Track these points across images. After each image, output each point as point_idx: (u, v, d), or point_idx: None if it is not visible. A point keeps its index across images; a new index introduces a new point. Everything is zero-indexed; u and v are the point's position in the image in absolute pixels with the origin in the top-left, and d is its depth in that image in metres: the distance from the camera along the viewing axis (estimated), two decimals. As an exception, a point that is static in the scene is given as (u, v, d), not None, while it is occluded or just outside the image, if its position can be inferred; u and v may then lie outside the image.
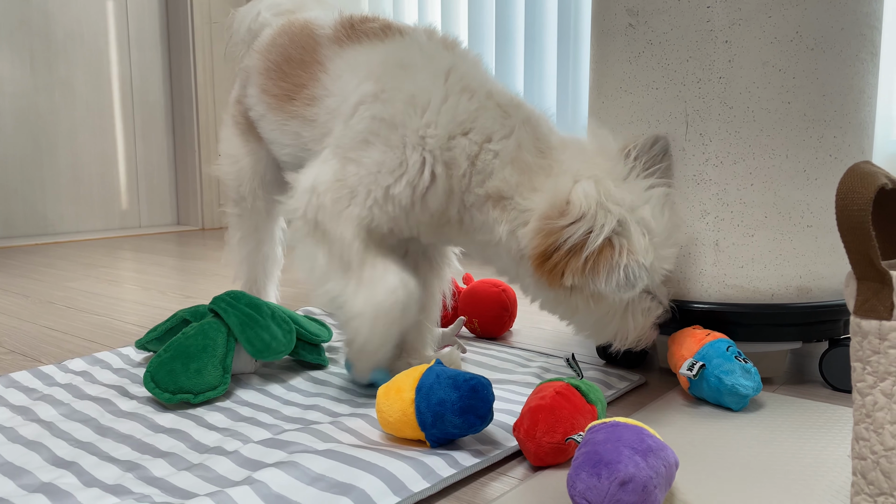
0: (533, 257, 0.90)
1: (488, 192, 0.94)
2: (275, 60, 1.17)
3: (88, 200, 3.12)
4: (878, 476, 0.59)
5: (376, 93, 0.96)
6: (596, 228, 0.86)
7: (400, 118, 0.94)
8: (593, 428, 0.70)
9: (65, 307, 1.67)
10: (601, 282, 0.86)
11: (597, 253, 0.86)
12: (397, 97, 0.95)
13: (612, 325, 0.97)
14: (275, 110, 1.16)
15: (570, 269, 0.87)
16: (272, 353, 1.06)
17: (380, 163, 0.94)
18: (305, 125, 1.09)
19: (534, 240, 0.90)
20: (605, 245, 0.86)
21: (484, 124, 0.94)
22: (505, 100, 0.96)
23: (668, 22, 1.03)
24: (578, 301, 0.92)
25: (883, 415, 0.59)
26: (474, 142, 0.93)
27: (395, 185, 0.94)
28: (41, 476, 0.77)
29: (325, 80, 1.07)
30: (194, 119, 3.28)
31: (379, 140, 0.94)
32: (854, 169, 0.60)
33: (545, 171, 0.93)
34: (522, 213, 0.92)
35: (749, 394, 0.93)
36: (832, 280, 1.05)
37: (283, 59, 1.15)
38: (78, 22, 3.03)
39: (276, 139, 1.19)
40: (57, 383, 1.07)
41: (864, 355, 0.60)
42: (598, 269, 0.85)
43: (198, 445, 0.85)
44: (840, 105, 1.02)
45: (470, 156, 0.94)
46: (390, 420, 0.83)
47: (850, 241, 0.59)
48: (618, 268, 0.85)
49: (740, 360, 0.94)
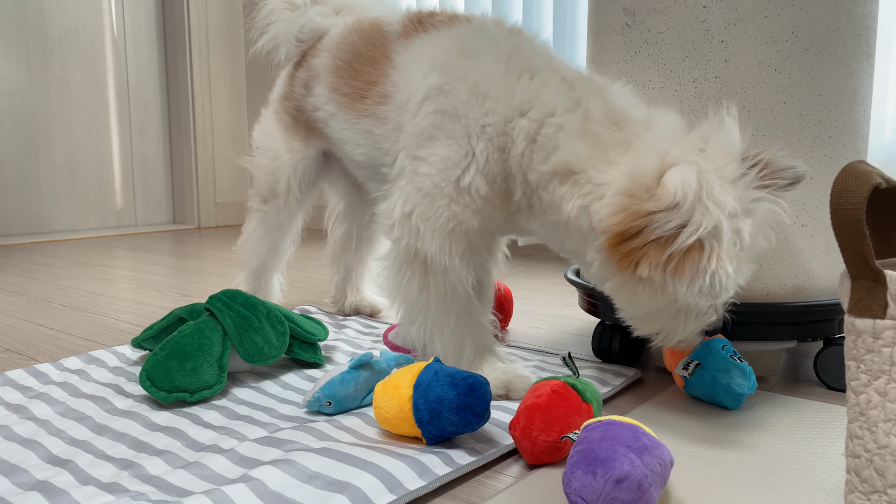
0: (609, 235, 0.82)
1: (554, 169, 0.89)
2: (345, 59, 1.17)
3: (84, 199, 3.11)
4: (871, 474, 0.59)
5: (440, 85, 0.96)
6: (691, 224, 0.77)
7: (462, 109, 0.93)
8: (589, 426, 0.70)
9: (60, 305, 1.67)
10: (682, 284, 0.78)
11: (684, 252, 0.77)
12: (460, 87, 0.94)
13: (661, 321, 0.90)
14: (346, 109, 1.16)
15: (649, 260, 0.79)
16: (264, 359, 1.06)
17: (445, 157, 0.94)
18: (377, 123, 1.10)
19: (613, 216, 0.82)
20: (695, 245, 0.77)
21: (545, 100, 0.90)
22: (572, 75, 0.93)
23: (665, 21, 1.03)
24: (643, 291, 0.85)
25: (877, 413, 0.59)
26: (533, 119, 0.90)
27: (465, 175, 0.93)
28: (37, 474, 0.77)
29: (393, 76, 1.07)
30: (190, 117, 3.27)
31: (443, 133, 0.94)
32: (848, 168, 0.60)
33: (621, 145, 0.87)
34: (597, 186, 0.86)
35: (744, 392, 0.94)
36: (827, 279, 1.06)
37: (354, 57, 1.15)
38: (74, 20, 3.03)
39: (350, 138, 1.18)
40: (53, 381, 1.07)
41: (859, 354, 0.60)
42: (683, 269, 0.77)
43: (194, 443, 0.85)
44: (835, 105, 1.03)
45: (529, 134, 0.90)
46: (387, 416, 0.83)
47: (845, 241, 0.59)
48: (704, 273, 0.77)
49: (735, 360, 0.95)
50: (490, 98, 0.92)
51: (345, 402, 0.94)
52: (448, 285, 0.96)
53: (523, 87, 0.92)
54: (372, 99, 1.10)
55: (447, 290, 0.97)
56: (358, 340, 1.31)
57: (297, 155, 1.36)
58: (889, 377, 0.58)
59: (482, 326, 1.01)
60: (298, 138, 1.35)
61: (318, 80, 1.25)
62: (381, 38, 1.12)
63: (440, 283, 0.96)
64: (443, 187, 0.93)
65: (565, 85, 0.92)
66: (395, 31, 1.11)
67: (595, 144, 0.87)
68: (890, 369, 0.58)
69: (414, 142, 0.97)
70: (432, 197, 0.94)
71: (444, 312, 0.98)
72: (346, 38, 1.20)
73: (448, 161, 0.93)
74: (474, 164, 0.92)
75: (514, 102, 0.91)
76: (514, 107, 0.91)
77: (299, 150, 1.36)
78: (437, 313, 0.98)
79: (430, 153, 0.95)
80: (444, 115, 0.94)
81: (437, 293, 0.97)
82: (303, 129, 1.34)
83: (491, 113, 0.92)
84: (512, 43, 0.97)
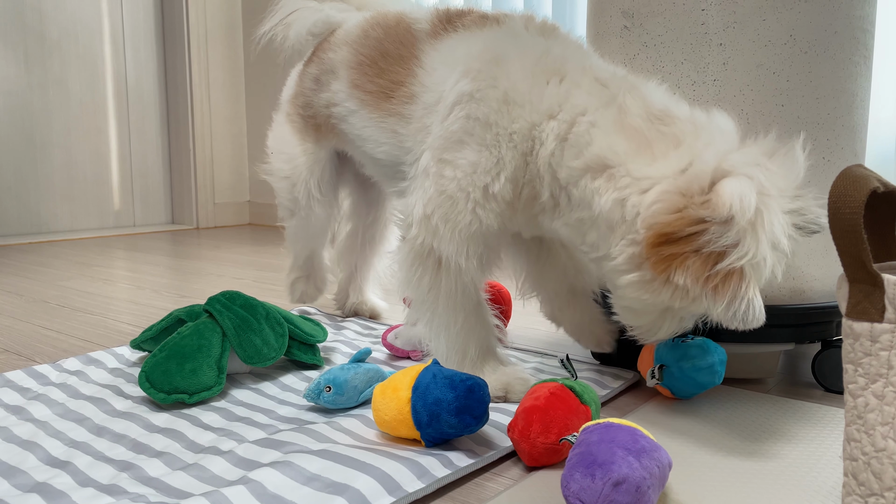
0: (653, 234, 0.79)
1: (587, 164, 0.87)
2: (369, 55, 1.15)
3: (82, 199, 3.11)
4: (869, 477, 0.59)
5: (472, 92, 0.95)
6: (741, 248, 0.75)
7: (494, 117, 0.93)
8: (587, 429, 0.70)
9: (59, 306, 1.67)
10: (719, 304, 0.76)
11: (726, 272, 0.76)
12: (491, 95, 0.94)
13: (649, 318, 0.88)
14: (370, 107, 1.14)
15: (688, 271, 0.77)
16: (263, 360, 1.07)
17: (475, 163, 0.94)
18: (402, 122, 1.09)
19: (663, 214, 0.79)
20: (738, 269, 0.76)
21: (576, 101, 0.90)
22: (605, 74, 0.92)
23: (663, 24, 1.03)
24: (664, 294, 0.81)
25: (874, 416, 0.59)
26: (564, 121, 0.90)
27: (494, 182, 0.93)
28: (36, 476, 0.77)
29: (421, 76, 1.06)
30: (189, 118, 3.27)
31: (473, 140, 0.94)
32: (846, 172, 0.60)
33: (669, 140, 0.84)
34: (638, 180, 0.83)
35: (712, 363, 0.94)
36: (825, 282, 1.06)
37: (380, 55, 1.13)
38: (72, 20, 3.02)
39: (372, 136, 1.16)
40: (51, 383, 1.07)
41: (856, 357, 0.60)
42: (724, 290, 0.75)
43: (193, 445, 0.85)
44: (833, 108, 1.03)
45: (560, 134, 0.90)
46: (386, 419, 0.83)
47: (843, 244, 0.59)
48: (742, 299, 0.75)
49: (688, 340, 0.96)
50: (517, 105, 0.92)
51: (344, 388, 0.94)
52: (460, 285, 0.97)
53: (552, 90, 0.91)
54: (399, 98, 1.09)
55: (458, 289, 0.97)
56: (357, 342, 1.31)
57: (311, 157, 1.35)
58: (887, 381, 0.58)
59: (488, 328, 1.02)
60: (310, 139, 1.35)
61: (335, 76, 1.23)
62: (410, 36, 1.10)
63: (452, 283, 0.97)
64: (469, 192, 0.94)
65: (597, 84, 0.91)
66: (423, 30, 1.10)
67: (635, 138, 0.85)
68: (887, 373, 0.58)
69: (441, 144, 0.97)
70: (455, 200, 0.94)
71: (452, 312, 0.98)
72: (369, 33, 1.18)
73: (477, 167, 0.93)
74: (504, 172, 0.93)
75: (542, 107, 0.91)
76: (542, 112, 0.91)
77: (312, 151, 1.35)
78: (444, 312, 0.98)
79: (459, 157, 0.95)
80: (475, 121, 0.94)
81: (448, 292, 0.97)
82: (313, 128, 1.33)
83: (517, 120, 0.92)
84: (542, 46, 0.96)
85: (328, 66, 1.25)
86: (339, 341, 1.30)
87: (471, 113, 0.94)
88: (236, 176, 3.48)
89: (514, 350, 1.26)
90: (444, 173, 0.96)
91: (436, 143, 0.98)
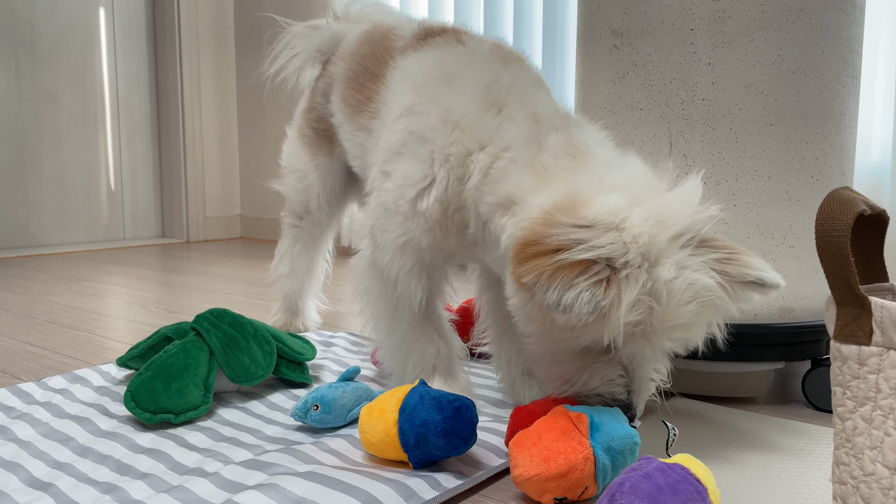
0: (515, 244, 0.76)
1: (499, 200, 0.86)
2: (355, 70, 1.18)
3: (72, 212, 3.10)
4: (857, 501, 0.59)
5: (412, 106, 0.95)
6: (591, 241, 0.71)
7: (430, 133, 0.92)
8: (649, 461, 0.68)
9: (45, 322, 1.65)
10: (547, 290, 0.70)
11: (569, 263, 0.71)
12: (432, 111, 0.93)
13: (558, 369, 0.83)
14: (350, 120, 1.18)
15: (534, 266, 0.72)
16: (250, 379, 1.06)
17: (407, 175, 0.93)
18: (368, 137, 1.12)
19: (526, 228, 0.77)
20: (584, 262, 0.71)
21: (505, 136, 0.88)
22: (544, 111, 0.90)
23: (653, 44, 1.04)
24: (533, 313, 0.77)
25: (863, 440, 0.59)
26: (490, 154, 0.88)
27: (421, 198, 0.92)
28: (18, 498, 0.76)
29: (383, 92, 1.07)
30: (180, 131, 3.26)
31: (408, 152, 0.94)
32: (833, 195, 0.60)
33: (568, 173, 0.82)
34: (530, 209, 0.80)
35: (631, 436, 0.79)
36: (814, 300, 1.06)
37: (362, 70, 1.16)
38: (63, 33, 3.02)
39: (349, 149, 1.23)
40: (36, 401, 1.06)
41: (844, 380, 0.60)
42: (556, 277, 0.70)
43: (178, 466, 0.84)
44: (821, 127, 1.03)
45: (483, 168, 0.88)
46: (373, 441, 0.83)
47: (830, 267, 0.59)
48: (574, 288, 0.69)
49: None
50: (459, 129, 0.91)
51: (332, 407, 0.94)
52: (396, 297, 0.98)
53: (488, 121, 0.90)
54: (367, 113, 1.12)
55: (396, 301, 0.99)
56: (346, 359, 1.30)
57: (324, 171, 1.40)
58: (874, 404, 0.58)
59: (434, 343, 1.00)
60: (323, 153, 1.39)
61: (333, 88, 1.27)
62: (386, 52, 1.12)
63: (391, 294, 0.98)
64: (399, 204, 0.94)
65: (530, 120, 0.89)
66: (398, 47, 1.11)
67: (541, 174, 0.83)
68: (875, 396, 0.58)
69: (384, 156, 0.98)
70: (390, 212, 0.95)
71: (393, 323, 1.00)
72: (359, 49, 1.21)
73: (408, 178, 0.93)
74: (434, 190, 0.92)
75: (477, 136, 0.90)
76: (477, 140, 0.90)
77: (325, 164, 1.40)
78: (387, 322, 1.01)
79: (395, 169, 0.95)
80: (411, 134, 0.94)
81: (388, 303, 0.99)
82: (325, 140, 1.37)
83: (456, 144, 0.90)
84: (495, 73, 0.94)
85: (329, 78, 1.30)
86: (328, 359, 1.29)
87: (409, 126, 0.95)
88: (227, 189, 3.47)
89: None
90: (384, 186, 0.96)
91: (380, 154, 1.00)
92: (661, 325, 0.74)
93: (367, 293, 1.02)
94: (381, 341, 1.04)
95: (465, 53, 0.99)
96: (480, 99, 0.91)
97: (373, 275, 1.00)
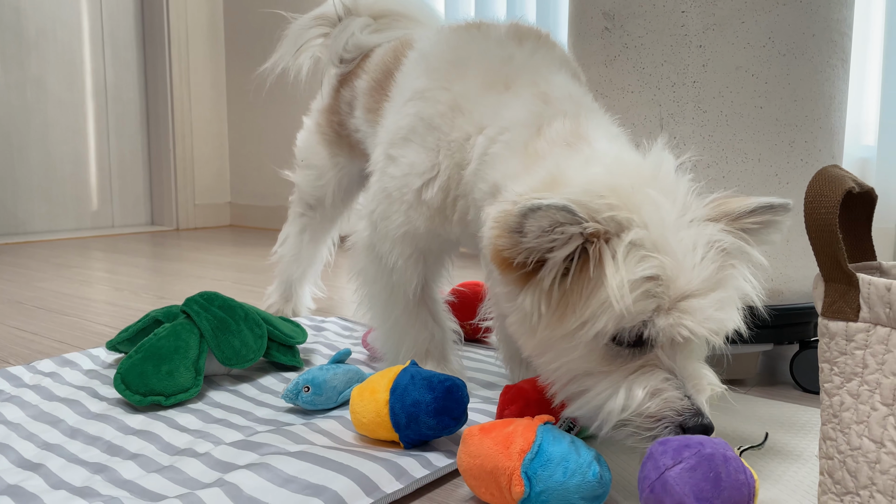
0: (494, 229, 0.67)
1: (490, 188, 0.82)
2: (377, 78, 1.16)
3: (60, 199, 3.08)
4: (844, 475, 0.60)
5: (423, 90, 0.92)
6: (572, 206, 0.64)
7: (438, 121, 0.89)
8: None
9: (34, 307, 1.64)
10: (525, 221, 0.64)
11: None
12: (441, 97, 0.89)
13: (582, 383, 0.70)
14: (371, 125, 1.16)
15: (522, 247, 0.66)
16: (241, 362, 1.06)
17: (413, 164, 0.91)
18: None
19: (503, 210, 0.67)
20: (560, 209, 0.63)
21: (505, 115, 0.82)
22: (558, 93, 0.84)
23: (644, 26, 1.04)
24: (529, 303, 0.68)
25: (849, 415, 0.59)
26: (488, 137, 0.83)
27: (427, 188, 0.90)
28: (7, 478, 0.76)
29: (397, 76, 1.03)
30: (169, 118, 3.24)
31: (417, 139, 0.91)
32: (822, 173, 0.61)
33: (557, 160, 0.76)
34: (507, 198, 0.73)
35: None
36: (803, 283, 1.07)
37: (383, 75, 1.13)
38: (50, 19, 2.99)
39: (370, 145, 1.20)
40: (25, 384, 1.06)
41: (832, 356, 0.61)
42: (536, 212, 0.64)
43: (168, 447, 0.84)
44: (811, 110, 1.04)
45: (479, 154, 0.84)
46: (364, 421, 0.83)
47: (818, 244, 0.60)
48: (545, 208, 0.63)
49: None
50: (461, 113, 0.87)
51: (323, 389, 0.94)
52: (392, 282, 0.98)
53: (491, 101, 0.85)
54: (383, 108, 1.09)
55: (391, 286, 0.99)
56: (337, 343, 1.30)
57: (341, 170, 1.40)
58: (861, 379, 0.59)
59: (428, 329, 1.01)
60: (343, 154, 1.38)
61: (357, 102, 1.24)
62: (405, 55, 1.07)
63: (387, 279, 0.99)
64: (404, 192, 0.92)
65: (538, 100, 0.83)
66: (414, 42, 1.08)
67: (531, 160, 0.78)
68: (862, 372, 0.59)
69: (390, 138, 0.96)
70: (392, 199, 0.94)
71: (387, 307, 1.01)
72: (383, 59, 1.18)
73: (414, 167, 0.91)
74: (438, 180, 0.89)
75: (477, 118, 0.85)
76: (476, 123, 0.85)
77: (344, 165, 1.39)
78: (382, 305, 1.01)
79: (401, 155, 0.93)
80: (421, 121, 0.91)
81: (384, 287, 1.00)
82: (346, 144, 1.35)
83: (457, 129, 0.87)
84: (507, 52, 0.90)
85: (355, 92, 1.25)
86: (319, 342, 1.29)
87: (419, 111, 0.91)
88: (217, 177, 3.46)
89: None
90: (388, 170, 0.95)
91: (386, 136, 0.97)
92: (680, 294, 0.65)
93: (362, 274, 1.03)
94: (376, 324, 1.04)
95: (480, 36, 0.95)
96: (488, 80, 0.87)
97: (369, 257, 1.00)
